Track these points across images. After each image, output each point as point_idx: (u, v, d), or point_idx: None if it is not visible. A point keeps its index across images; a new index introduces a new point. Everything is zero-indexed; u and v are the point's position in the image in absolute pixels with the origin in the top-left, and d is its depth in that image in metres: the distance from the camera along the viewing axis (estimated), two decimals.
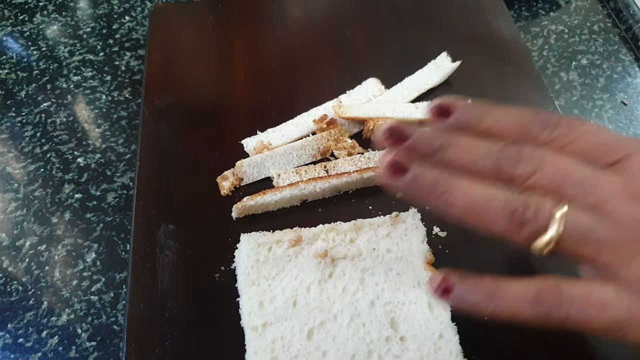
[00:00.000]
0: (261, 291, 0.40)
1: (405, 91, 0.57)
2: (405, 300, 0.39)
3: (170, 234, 0.47)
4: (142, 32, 0.70)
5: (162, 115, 0.56)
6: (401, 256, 0.42)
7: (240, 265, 0.42)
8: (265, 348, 0.37)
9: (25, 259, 0.50)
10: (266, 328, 0.38)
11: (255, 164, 0.51)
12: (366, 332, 0.37)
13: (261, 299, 0.39)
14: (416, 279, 0.40)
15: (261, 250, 0.42)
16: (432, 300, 0.39)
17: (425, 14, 0.66)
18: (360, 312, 0.38)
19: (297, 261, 0.41)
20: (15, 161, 0.57)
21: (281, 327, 0.38)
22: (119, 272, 0.49)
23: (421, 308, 0.38)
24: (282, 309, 0.39)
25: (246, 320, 0.39)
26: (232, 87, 0.59)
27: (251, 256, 0.41)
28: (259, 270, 0.41)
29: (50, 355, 0.45)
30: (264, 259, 0.41)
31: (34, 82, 0.64)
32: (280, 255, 0.41)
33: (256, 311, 0.39)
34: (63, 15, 0.71)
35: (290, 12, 0.67)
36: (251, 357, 0.37)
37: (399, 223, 0.44)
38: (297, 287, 0.40)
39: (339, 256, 0.41)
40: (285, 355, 0.37)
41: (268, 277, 0.40)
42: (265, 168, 0.51)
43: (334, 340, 0.37)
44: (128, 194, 0.54)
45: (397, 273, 0.40)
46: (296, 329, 0.38)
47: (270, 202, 0.47)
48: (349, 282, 0.40)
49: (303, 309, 0.39)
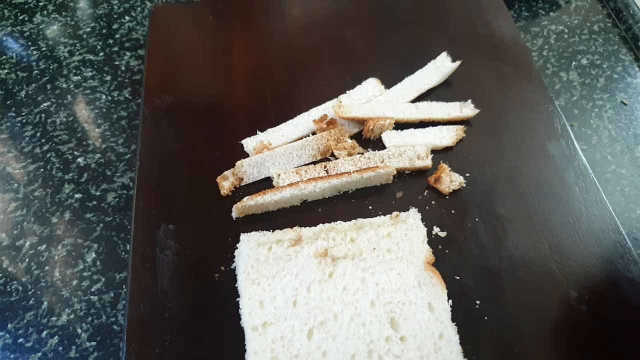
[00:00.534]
0: (261, 290, 0.40)
1: (405, 91, 0.57)
2: (406, 300, 0.39)
3: (170, 234, 0.47)
4: (142, 32, 0.70)
5: (162, 115, 0.56)
6: (402, 256, 0.42)
7: (240, 265, 0.42)
8: (265, 348, 0.37)
9: (25, 259, 0.50)
10: (266, 328, 0.38)
11: (255, 163, 0.51)
12: (366, 331, 0.37)
13: (261, 298, 0.39)
14: (416, 279, 0.40)
15: (261, 249, 0.42)
16: (432, 300, 0.39)
17: (425, 14, 0.66)
18: (361, 311, 0.38)
19: (298, 260, 0.41)
20: (15, 161, 0.57)
21: (281, 327, 0.38)
22: (119, 272, 0.49)
23: (421, 308, 0.39)
24: (283, 308, 0.39)
25: (246, 320, 0.39)
26: (232, 87, 0.59)
27: (251, 256, 0.41)
28: (259, 270, 0.41)
29: (50, 355, 0.45)
30: (264, 259, 0.41)
31: (34, 82, 0.64)
32: (280, 254, 0.41)
33: (256, 311, 0.39)
34: (63, 15, 0.71)
35: (290, 12, 0.67)
36: (251, 357, 0.37)
37: (399, 223, 0.44)
38: (297, 287, 0.40)
39: (340, 255, 0.41)
40: (285, 354, 0.37)
41: (268, 276, 0.40)
42: (265, 168, 0.51)
43: (334, 340, 0.37)
44: (128, 194, 0.54)
45: (398, 273, 0.41)
46: (296, 329, 0.38)
47: (270, 202, 0.47)
48: (350, 282, 0.40)
49: (303, 308, 0.39)
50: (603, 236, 0.48)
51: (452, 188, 0.50)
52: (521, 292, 0.44)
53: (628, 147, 0.59)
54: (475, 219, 0.48)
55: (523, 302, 0.44)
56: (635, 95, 0.64)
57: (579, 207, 0.50)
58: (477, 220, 0.48)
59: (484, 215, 0.49)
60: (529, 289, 0.44)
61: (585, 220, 0.49)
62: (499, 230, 0.48)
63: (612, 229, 0.48)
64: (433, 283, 0.39)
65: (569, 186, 0.51)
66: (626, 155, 0.58)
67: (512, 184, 0.51)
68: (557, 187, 0.51)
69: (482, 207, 0.49)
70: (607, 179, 0.56)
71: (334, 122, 0.54)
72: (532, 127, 0.55)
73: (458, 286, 0.44)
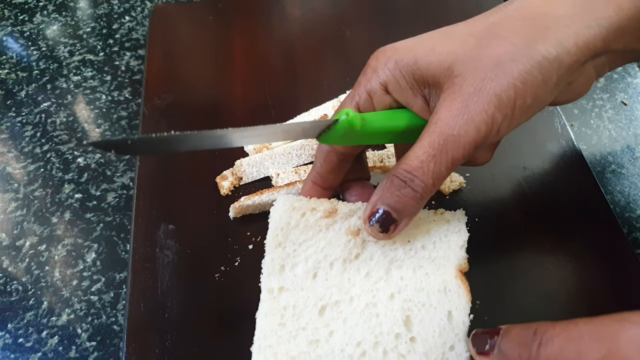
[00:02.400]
0: (285, 255, 0.38)
1: None
2: (427, 302, 0.37)
3: (170, 233, 0.47)
4: (142, 32, 0.70)
5: (162, 115, 0.56)
6: (435, 257, 0.39)
7: (271, 225, 0.40)
8: (275, 312, 0.37)
9: (25, 259, 0.50)
10: (282, 293, 0.37)
11: (254, 163, 0.51)
12: (378, 323, 0.36)
13: (283, 262, 0.38)
14: (444, 283, 0.38)
15: (294, 214, 0.40)
16: (453, 309, 0.37)
17: (425, 14, 0.66)
18: (378, 301, 0.37)
19: (328, 233, 0.39)
20: (15, 161, 0.57)
21: (296, 296, 0.37)
22: (119, 272, 0.49)
23: (440, 314, 0.37)
24: (301, 278, 0.38)
25: (265, 280, 0.38)
26: (232, 87, 0.59)
27: (283, 217, 0.40)
28: (288, 233, 0.39)
29: (50, 355, 0.45)
30: (295, 223, 0.39)
31: (34, 82, 0.64)
32: (312, 223, 0.39)
33: (276, 274, 0.38)
34: (63, 15, 0.71)
35: (290, 12, 0.67)
36: (261, 318, 0.37)
37: (442, 221, 0.41)
38: (320, 260, 0.38)
39: (371, 239, 0.39)
40: (293, 324, 0.36)
41: (295, 242, 0.39)
42: (265, 167, 0.51)
43: (344, 322, 0.36)
44: (128, 194, 0.54)
45: (426, 273, 0.38)
46: (310, 302, 0.37)
47: (267, 202, 0.47)
48: (374, 269, 0.38)
49: (322, 283, 0.38)
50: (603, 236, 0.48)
51: (452, 188, 0.50)
52: (522, 294, 0.44)
53: (628, 147, 0.59)
54: (476, 219, 0.48)
55: (524, 304, 0.44)
56: (635, 95, 0.64)
57: (578, 207, 0.50)
58: (478, 220, 0.48)
59: (484, 216, 0.49)
60: (528, 290, 0.44)
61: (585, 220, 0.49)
62: (500, 230, 0.48)
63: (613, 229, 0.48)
64: (460, 293, 0.37)
65: (568, 186, 0.51)
66: (626, 155, 0.58)
67: (512, 184, 0.51)
68: (557, 187, 0.51)
69: (482, 207, 0.49)
70: (608, 178, 0.56)
71: None
72: (532, 127, 0.55)
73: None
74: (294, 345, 0.35)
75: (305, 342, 0.35)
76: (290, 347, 0.35)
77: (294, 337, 0.36)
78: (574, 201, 0.50)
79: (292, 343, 0.36)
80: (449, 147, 0.33)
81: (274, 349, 0.35)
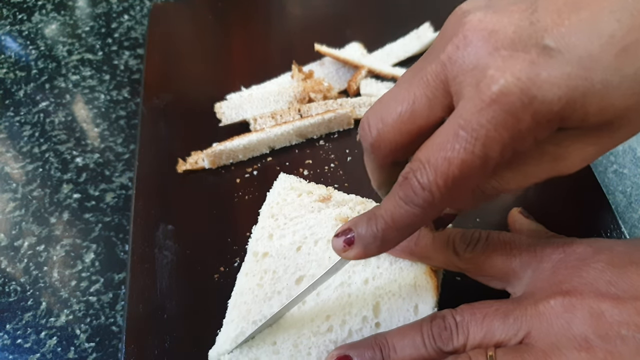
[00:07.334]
0: (276, 225, 0.42)
1: (386, 57, 0.59)
2: (397, 292, 0.39)
3: (169, 234, 0.47)
4: (141, 31, 0.69)
5: (161, 115, 0.55)
6: None
7: (268, 198, 0.44)
8: (256, 274, 0.39)
9: (23, 260, 0.50)
10: (265, 258, 0.40)
11: (233, 105, 0.53)
12: (349, 302, 0.38)
13: (272, 232, 0.41)
14: (414, 279, 0.40)
15: (291, 193, 0.44)
16: (420, 303, 0.39)
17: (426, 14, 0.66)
18: (352, 282, 0.39)
19: (318, 215, 0.42)
20: (14, 161, 0.57)
21: (277, 262, 0.40)
22: (118, 273, 0.49)
23: (407, 306, 0.39)
24: (286, 248, 0.40)
25: (252, 244, 0.41)
26: (231, 87, 0.58)
27: (281, 194, 0.43)
28: (282, 208, 0.43)
29: (48, 356, 0.44)
30: (291, 201, 0.43)
31: (32, 82, 0.64)
32: (306, 203, 0.43)
33: (264, 240, 0.41)
34: (62, 14, 0.71)
35: (290, 11, 0.67)
36: (241, 276, 0.40)
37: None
38: (307, 236, 0.41)
39: None
40: (270, 286, 0.39)
41: (287, 216, 0.42)
42: (243, 110, 0.53)
43: (317, 295, 0.38)
44: (127, 194, 0.54)
45: (401, 267, 0.41)
46: (289, 270, 0.39)
47: (239, 148, 0.50)
48: None
49: (304, 257, 0.40)
50: (605, 237, 0.48)
51: None
52: None
53: (630, 147, 0.59)
54: (477, 219, 0.48)
55: None
56: None
57: (580, 207, 0.50)
58: (478, 220, 0.48)
59: (484, 216, 0.49)
60: None
61: (586, 221, 0.49)
62: (500, 231, 0.48)
63: (614, 229, 0.48)
64: (428, 288, 0.39)
65: (570, 186, 0.51)
66: (628, 155, 0.58)
67: None
68: (557, 187, 0.51)
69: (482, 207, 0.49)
70: (609, 179, 0.56)
71: (311, 74, 0.56)
72: None
73: (459, 286, 0.43)
74: (267, 305, 0.38)
75: (279, 305, 0.37)
76: (264, 307, 0.38)
77: (269, 299, 0.38)
78: (575, 201, 0.50)
79: (266, 303, 0.38)
80: None
81: (248, 306, 0.38)
